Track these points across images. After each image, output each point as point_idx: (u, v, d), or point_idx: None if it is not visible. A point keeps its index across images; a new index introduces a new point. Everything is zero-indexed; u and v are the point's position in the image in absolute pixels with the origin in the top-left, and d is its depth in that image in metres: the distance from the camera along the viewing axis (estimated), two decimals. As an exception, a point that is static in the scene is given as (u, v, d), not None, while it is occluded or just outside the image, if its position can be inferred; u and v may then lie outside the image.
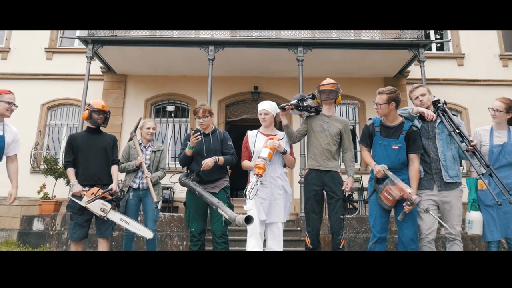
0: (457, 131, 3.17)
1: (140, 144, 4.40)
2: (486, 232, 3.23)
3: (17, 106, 3.48)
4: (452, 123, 3.22)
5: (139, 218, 4.27)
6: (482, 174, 3.11)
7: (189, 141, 3.64)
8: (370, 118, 3.46)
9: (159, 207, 4.27)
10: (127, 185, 4.24)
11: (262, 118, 3.61)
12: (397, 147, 3.20)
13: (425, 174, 3.27)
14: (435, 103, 3.38)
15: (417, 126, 3.30)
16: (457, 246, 3.17)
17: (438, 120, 3.31)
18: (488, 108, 3.44)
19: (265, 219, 3.36)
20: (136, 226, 3.73)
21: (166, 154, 4.40)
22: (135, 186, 4.25)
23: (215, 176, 3.68)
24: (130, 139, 4.48)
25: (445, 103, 3.37)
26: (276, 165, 3.52)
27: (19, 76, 9.81)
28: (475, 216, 3.26)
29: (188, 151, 3.69)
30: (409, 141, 3.21)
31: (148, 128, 4.43)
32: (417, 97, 3.40)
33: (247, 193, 3.18)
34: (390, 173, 3.13)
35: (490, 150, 3.34)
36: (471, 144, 3.12)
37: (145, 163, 4.25)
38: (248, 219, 3.03)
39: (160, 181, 4.45)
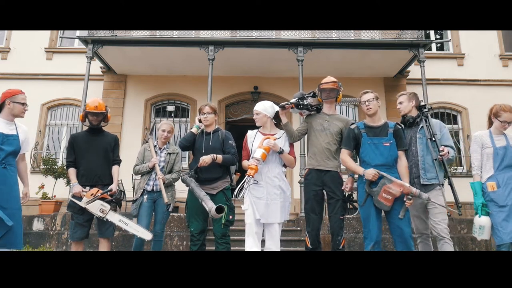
0: (433, 139, 3.35)
1: (155, 146, 4.34)
2: (502, 235, 3.10)
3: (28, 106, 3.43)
4: (430, 131, 3.38)
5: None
6: (442, 184, 3.35)
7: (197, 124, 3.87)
8: (352, 123, 3.49)
9: (170, 210, 4.21)
10: (141, 188, 4.20)
11: (254, 118, 3.64)
12: (388, 144, 3.25)
13: None
14: (421, 108, 3.52)
15: (401, 125, 3.42)
16: (448, 245, 3.22)
17: (420, 126, 3.45)
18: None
19: (259, 218, 3.32)
20: (134, 227, 3.72)
21: (181, 157, 4.34)
22: (149, 188, 4.19)
23: (213, 174, 3.65)
24: (146, 141, 4.44)
25: (431, 108, 3.56)
26: (273, 165, 3.47)
27: (19, 76, 9.79)
28: (486, 221, 3.18)
29: (194, 130, 3.83)
30: (395, 138, 3.28)
31: (164, 131, 4.33)
32: (400, 102, 3.61)
33: (236, 192, 3.19)
34: (384, 173, 3.15)
35: (494, 152, 3.34)
36: (440, 154, 3.28)
37: (159, 165, 4.21)
38: (219, 209, 3.27)
39: (174, 184, 4.38)
